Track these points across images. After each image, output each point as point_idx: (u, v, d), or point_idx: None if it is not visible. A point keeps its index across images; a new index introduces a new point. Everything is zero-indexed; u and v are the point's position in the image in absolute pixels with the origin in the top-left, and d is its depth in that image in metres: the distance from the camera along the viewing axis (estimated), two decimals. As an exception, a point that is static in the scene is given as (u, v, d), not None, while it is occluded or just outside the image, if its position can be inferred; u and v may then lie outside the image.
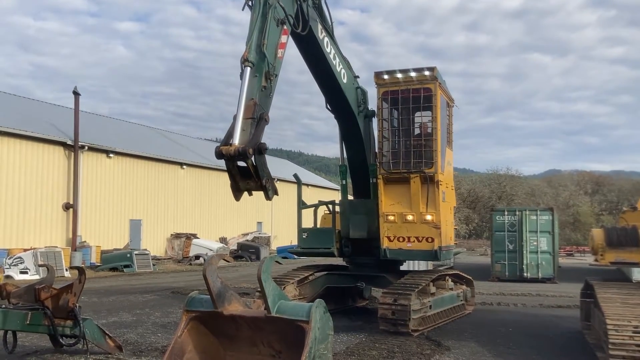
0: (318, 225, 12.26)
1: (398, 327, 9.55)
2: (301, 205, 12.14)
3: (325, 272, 12.24)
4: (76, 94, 26.18)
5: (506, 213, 21.75)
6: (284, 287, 10.39)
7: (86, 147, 26.84)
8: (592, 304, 9.17)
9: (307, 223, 12.17)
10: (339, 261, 12.74)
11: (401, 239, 10.75)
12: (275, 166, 47.62)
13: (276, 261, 5.93)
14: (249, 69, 7.37)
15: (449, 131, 11.90)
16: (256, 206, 39.70)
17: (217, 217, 36.94)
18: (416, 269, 15.55)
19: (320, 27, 9.77)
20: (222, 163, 7.06)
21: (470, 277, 12.72)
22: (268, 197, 7.21)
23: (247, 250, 32.40)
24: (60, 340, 7.73)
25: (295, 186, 12.68)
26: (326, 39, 10.01)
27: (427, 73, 10.80)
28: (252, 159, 6.81)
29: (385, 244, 10.84)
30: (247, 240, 35.19)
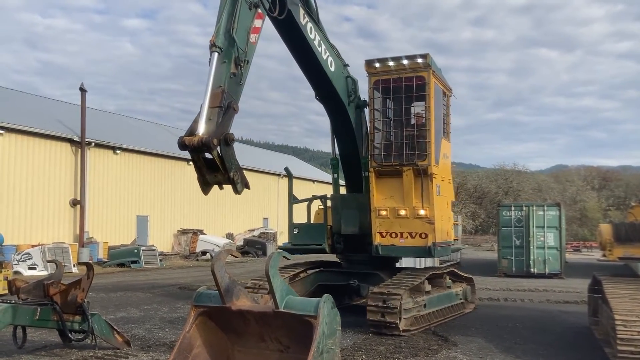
0: (312, 221, 11.82)
1: (388, 329, 9.18)
2: (292, 199, 11.76)
3: (317, 270, 11.76)
4: (83, 90, 26.26)
5: (513, 208, 21.72)
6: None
7: (93, 144, 26.96)
8: (599, 300, 9.13)
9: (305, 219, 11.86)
10: (334, 258, 12.28)
11: (394, 235, 10.22)
12: (280, 162, 47.66)
13: (284, 256, 5.93)
14: (216, 54, 6.94)
15: (445, 122, 11.30)
16: (262, 202, 39.77)
17: (224, 213, 37.00)
18: (418, 266, 15.38)
19: (302, 11, 9.22)
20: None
21: (470, 276, 12.42)
22: (237, 191, 6.83)
23: (254, 246, 32.50)
24: (69, 335, 7.78)
25: (301, 182, 12.58)
26: (309, 25, 9.45)
27: (419, 60, 10.22)
28: (218, 150, 6.45)
29: (377, 240, 10.32)
30: (254, 236, 35.29)
